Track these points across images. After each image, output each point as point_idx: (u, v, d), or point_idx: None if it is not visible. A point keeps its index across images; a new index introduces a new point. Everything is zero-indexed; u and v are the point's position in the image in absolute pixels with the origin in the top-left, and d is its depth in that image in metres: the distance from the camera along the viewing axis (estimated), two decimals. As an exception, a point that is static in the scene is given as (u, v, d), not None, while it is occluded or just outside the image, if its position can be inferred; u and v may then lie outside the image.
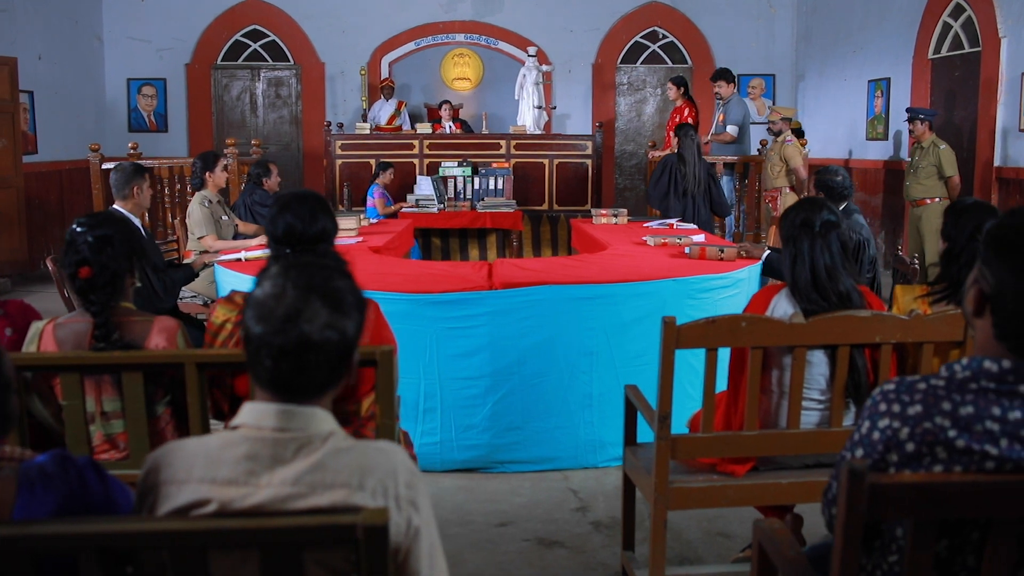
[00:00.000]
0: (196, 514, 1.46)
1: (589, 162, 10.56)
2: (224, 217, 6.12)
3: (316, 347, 1.48)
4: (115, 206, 5.03)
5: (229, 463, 1.47)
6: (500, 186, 9.92)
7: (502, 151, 10.35)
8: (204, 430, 2.65)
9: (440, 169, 9.99)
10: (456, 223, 9.48)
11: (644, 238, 6.01)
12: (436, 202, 9.46)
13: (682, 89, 9.53)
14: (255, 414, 1.52)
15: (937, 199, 7.84)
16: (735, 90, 8.90)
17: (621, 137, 12.77)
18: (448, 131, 11.26)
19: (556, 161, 10.50)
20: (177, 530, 1.45)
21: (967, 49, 8.83)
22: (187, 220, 6.13)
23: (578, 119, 12.58)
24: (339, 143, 10.23)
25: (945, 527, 1.68)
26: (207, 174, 6.10)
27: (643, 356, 4.30)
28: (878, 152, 10.48)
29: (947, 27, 9.16)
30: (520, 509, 3.97)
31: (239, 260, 5.10)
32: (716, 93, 9.25)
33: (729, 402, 3.07)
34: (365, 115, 11.71)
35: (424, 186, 9.72)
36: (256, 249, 5.32)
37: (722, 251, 5.12)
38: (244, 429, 1.51)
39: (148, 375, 2.58)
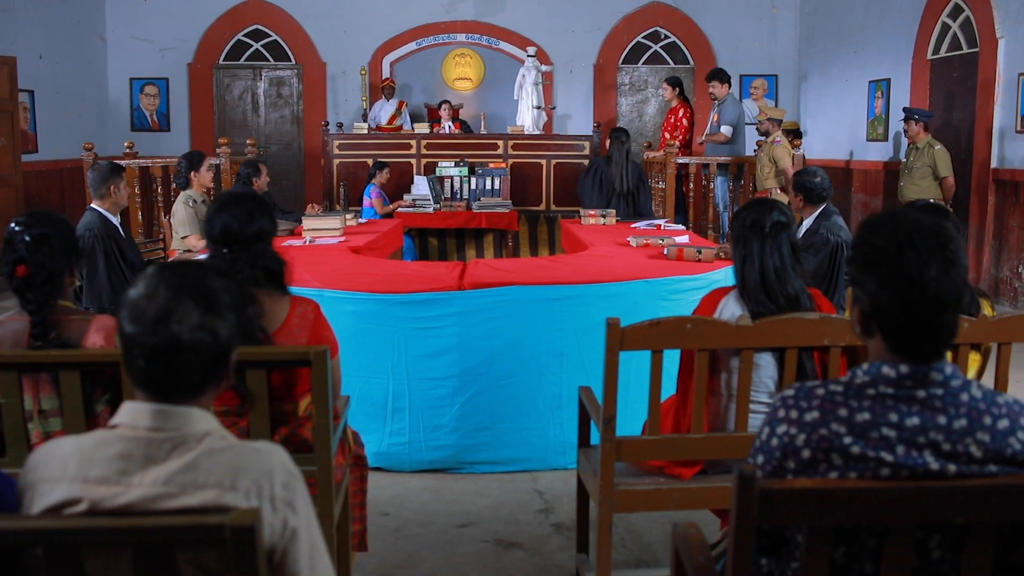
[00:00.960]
0: (67, 512, 1.46)
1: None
2: (208, 216, 6.13)
3: (188, 348, 1.48)
4: (92, 205, 5.05)
5: (102, 462, 1.47)
6: (497, 186, 9.90)
7: (499, 151, 10.34)
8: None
9: (437, 169, 9.99)
10: (452, 223, 9.47)
11: (628, 239, 5.99)
12: (432, 202, 9.46)
13: (677, 89, 9.50)
14: (131, 413, 1.51)
15: (931, 200, 7.76)
16: (730, 90, 8.84)
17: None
18: (447, 131, 11.25)
19: (554, 161, 10.47)
20: (50, 528, 1.45)
21: (965, 50, 8.76)
22: (171, 219, 6.15)
23: (579, 119, 12.56)
24: (336, 143, 10.25)
25: (842, 534, 1.66)
26: (192, 174, 6.13)
27: (613, 357, 4.28)
28: (878, 153, 10.41)
29: (946, 27, 9.09)
30: (484, 510, 3.95)
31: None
32: (711, 93, 9.20)
33: (679, 405, 3.05)
34: (366, 115, 11.73)
35: (421, 186, 9.73)
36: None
37: (700, 252, 5.09)
38: (120, 428, 1.51)
39: (86, 373, 2.58)
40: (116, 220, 5.07)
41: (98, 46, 11.80)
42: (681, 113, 9.40)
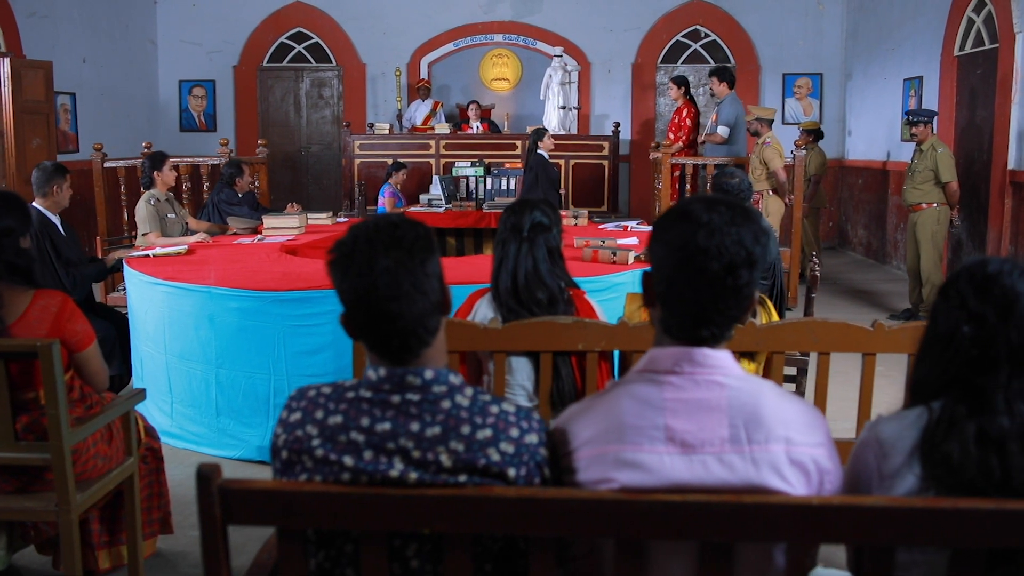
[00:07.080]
0: None
1: (607, 163, 10.46)
2: (171, 215, 6.35)
3: None
4: (33, 202, 5.29)
5: None
6: (512, 186, 9.92)
7: (518, 152, 10.36)
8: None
9: (453, 169, 10.08)
10: (462, 223, 9.52)
11: (574, 239, 5.94)
12: (444, 202, 9.54)
13: (683, 89, 9.31)
14: None
15: (935, 204, 7.41)
16: (731, 89, 8.59)
17: (661, 138, 12.51)
18: (476, 131, 11.32)
19: (573, 161, 10.44)
20: None
21: (987, 46, 8.32)
22: (135, 218, 6.40)
23: (616, 119, 12.42)
24: (357, 143, 10.45)
25: (322, 537, 1.65)
26: (155, 173, 6.34)
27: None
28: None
29: (971, 23, 8.65)
30: (335, 506, 3.99)
31: (146, 257, 5.31)
32: (710, 91, 8.98)
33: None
34: (400, 115, 11.90)
35: (436, 186, 9.83)
36: (167, 247, 5.52)
37: (615, 254, 5.02)
38: None
39: None
40: (55, 218, 5.30)
41: (148, 49, 12.32)
42: (685, 113, 9.21)
